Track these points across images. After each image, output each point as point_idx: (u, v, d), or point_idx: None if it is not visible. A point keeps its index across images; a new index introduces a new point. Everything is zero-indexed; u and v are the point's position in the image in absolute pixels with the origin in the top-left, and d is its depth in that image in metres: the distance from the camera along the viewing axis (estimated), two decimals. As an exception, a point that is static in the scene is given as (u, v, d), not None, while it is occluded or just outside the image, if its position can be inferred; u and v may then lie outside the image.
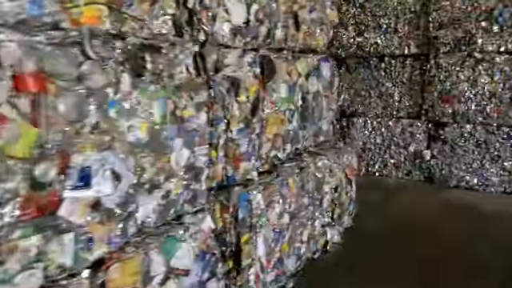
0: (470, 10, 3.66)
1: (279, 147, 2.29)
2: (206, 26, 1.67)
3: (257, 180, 2.04)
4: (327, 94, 2.87)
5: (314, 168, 2.49)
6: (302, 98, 2.48)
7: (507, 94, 3.66)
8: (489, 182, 3.88)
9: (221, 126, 1.79)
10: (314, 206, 2.46)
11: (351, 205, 3.01)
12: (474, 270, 2.44)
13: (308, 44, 2.55)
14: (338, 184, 2.77)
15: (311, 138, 2.73)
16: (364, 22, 4.25)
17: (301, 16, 2.32)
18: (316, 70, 2.68)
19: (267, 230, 2.00)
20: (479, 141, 3.85)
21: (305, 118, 2.55)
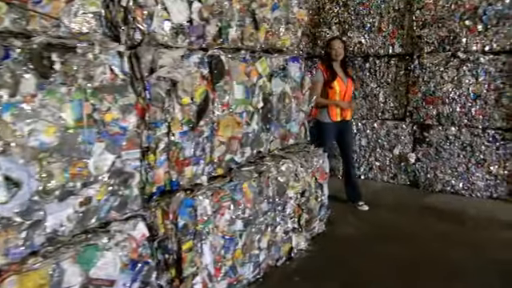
0: (453, 9, 3.55)
1: (236, 151, 2.22)
2: (142, 25, 1.62)
3: (206, 185, 1.98)
4: (297, 95, 2.80)
5: (276, 172, 2.42)
6: (264, 99, 2.41)
7: (492, 96, 3.55)
8: (474, 187, 3.76)
9: (161, 129, 1.74)
10: (275, 211, 2.39)
11: (322, 210, 2.93)
12: (448, 277, 2.36)
13: (272, 44, 2.48)
14: (306, 188, 2.70)
15: (278, 141, 2.66)
16: (347, 20, 4.16)
17: (259, 14, 2.25)
18: (282, 71, 2.62)
19: (215, 237, 1.94)
20: (464, 144, 3.74)
21: (268, 120, 2.48)
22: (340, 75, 3.30)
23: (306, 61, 4.62)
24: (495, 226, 3.10)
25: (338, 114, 3.34)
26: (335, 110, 3.32)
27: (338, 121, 3.35)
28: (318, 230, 2.94)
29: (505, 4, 3.33)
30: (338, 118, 3.34)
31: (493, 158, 3.64)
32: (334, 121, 3.33)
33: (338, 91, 3.26)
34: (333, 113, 3.32)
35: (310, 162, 2.76)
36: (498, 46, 3.45)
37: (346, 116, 3.39)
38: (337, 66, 3.32)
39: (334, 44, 3.29)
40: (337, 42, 3.30)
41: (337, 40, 3.35)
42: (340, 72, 3.32)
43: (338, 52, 3.26)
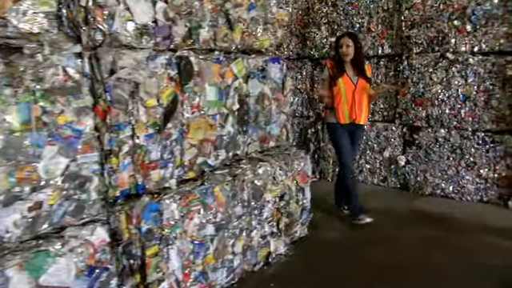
0: (442, 9, 3.50)
1: (209, 153, 2.19)
2: (103, 26, 1.59)
3: (175, 189, 1.95)
4: (277, 96, 2.77)
5: (253, 175, 2.38)
6: (240, 101, 2.38)
7: (482, 98, 3.50)
8: (464, 191, 3.71)
9: (124, 131, 1.71)
10: (251, 215, 2.35)
11: (304, 214, 2.90)
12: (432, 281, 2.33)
13: (249, 44, 2.45)
14: (286, 192, 2.66)
15: (256, 144, 2.63)
16: (336, 21, 4.12)
17: (234, 15, 2.22)
18: (261, 72, 2.58)
19: (184, 242, 1.90)
20: (454, 146, 3.69)
21: (245, 123, 2.45)
22: (349, 74, 3.04)
23: (296, 62, 4.60)
24: (482, 230, 3.05)
25: (346, 116, 3.06)
26: (342, 111, 3.06)
27: (346, 123, 3.07)
28: (300, 234, 2.90)
29: (493, 4, 3.29)
30: (346, 121, 3.07)
31: (483, 161, 3.59)
32: (342, 123, 3.07)
33: (342, 90, 3.02)
34: (339, 114, 3.06)
35: (291, 165, 2.73)
36: (487, 47, 3.40)
37: (357, 119, 3.07)
38: (347, 64, 3.05)
39: (341, 42, 3.03)
40: (345, 40, 3.01)
41: (345, 37, 3.03)
42: (350, 70, 3.05)
43: (346, 51, 2.98)
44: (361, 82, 3.04)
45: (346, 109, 3.06)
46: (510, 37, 3.28)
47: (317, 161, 4.58)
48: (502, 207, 3.53)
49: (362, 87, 3.04)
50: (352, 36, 3.07)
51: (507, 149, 3.45)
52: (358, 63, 3.04)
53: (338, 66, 3.05)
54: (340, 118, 3.07)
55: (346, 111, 3.06)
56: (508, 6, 3.24)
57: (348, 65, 3.05)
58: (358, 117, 3.07)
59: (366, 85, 3.05)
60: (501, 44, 3.33)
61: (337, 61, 3.09)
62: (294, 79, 4.63)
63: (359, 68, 3.05)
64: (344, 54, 3.00)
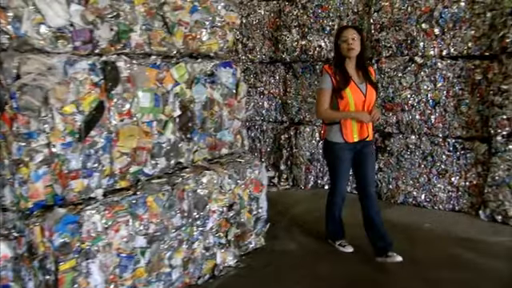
0: (410, 11, 3.46)
1: (145, 161, 2.15)
2: (8, 29, 1.55)
3: (101, 199, 1.91)
4: (229, 102, 2.72)
5: (195, 184, 2.33)
6: (183, 107, 2.34)
7: (451, 103, 3.45)
8: (437, 199, 3.65)
9: (37, 140, 1.66)
10: (192, 226, 2.30)
11: (259, 224, 2.84)
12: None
13: (194, 48, 2.42)
14: (235, 201, 2.61)
15: (205, 151, 2.58)
16: (307, 24, 4.09)
17: (172, 18, 2.18)
18: (209, 77, 2.54)
19: (108, 255, 1.85)
20: (425, 153, 3.63)
21: (189, 129, 2.41)
22: (355, 80, 2.52)
23: (269, 65, 4.56)
24: (447, 242, 2.99)
25: (355, 133, 2.55)
26: (351, 127, 2.53)
27: (355, 142, 2.57)
28: (256, 245, 2.85)
29: (460, 7, 3.25)
30: (355, 138, 2.56)
31: (454, 169, 3.53)
32: (350, 142, 2.56)
33: (351, 102, 2.49)
34: (348, 131, 2.54)
35: (242, 173, 2.68)
36: (455, 51, 3.36)
37: (367, 135, 2.58)
38: (351, 65, 2.54)
39: (345, 34, 2.49)
40: (350, 32, 2.50)
41: (350, 29, 2.53)
42: (355, 75, 2.54)
43: (352, 45, 2.45)
44: (369, 89, 2.54)
45: (355, 125, 2.54)
46: (477, 40, 3.24)
47: (290, 167, 4.53)
48: (474, 216, 3.46)
49: (371, 96, 2.55)
50: (357, 29, 2.59)
51: (478, 156, 3.39)
52: (363, 63, 2.58)
53: (341, 72, 2.51)
54: (348, 136, 2.55)
55: (356, 127, 2.55)
56: (475, 9, 3.20)
57: (352, 67, 2.56)
58: (368, 131, 2.59)
59: (374, 92, 2.58)
60: (469, 48, 3.29)
61: (339, 64, 2.54)
62: (267, 83, 4.60)
63: (364, 71, 2.58)
64: (349, 49, 2.47)
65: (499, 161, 3.21)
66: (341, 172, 2.68)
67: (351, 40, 2.48)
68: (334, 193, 2.77)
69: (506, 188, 3.20)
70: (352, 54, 2.49)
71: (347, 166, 2.67)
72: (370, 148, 2.68)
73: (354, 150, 2.61)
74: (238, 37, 4.70)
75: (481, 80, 3.26)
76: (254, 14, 4.53)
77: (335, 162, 2.67)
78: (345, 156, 2.61)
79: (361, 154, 2.62)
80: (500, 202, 3.25)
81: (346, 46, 2.50)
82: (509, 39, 2.98)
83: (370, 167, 2.66)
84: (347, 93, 2.49)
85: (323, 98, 2.55)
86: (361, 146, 2.61)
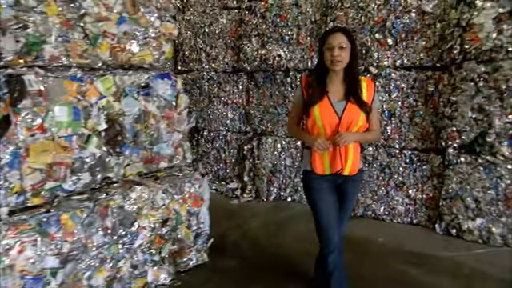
0: (364, 21, 3.46)
1: (64, 177, 2.10)
2: None
3: (6, 218, 1.85)
4: (168, 114, 2.69)
5: (122, 200, 2.29)
6: (110, 120, 2.30)
7: (407, 114, 3.43)
8: (395, 212, 3.61)
9: None
10: (117, 243, 2.25)
11: (200, 239, 2.79)
12: None
13: (123, 60, 2.39)
14: (171, 217, 2.56)
15: (139, 165, 2.53)
16: (266, 33, 4.08)
17: (94, 29, 2.15)
18: (143, 89, 2.51)
19: (9, 278, 1.79)
20: (382, 165, 3.61)
21: (118, 143, 2.37)
22: (332, 96, 1.98)
23: (232, 75, 4.54)
24: (396, 256, 2.95)
25: (325, 165, 2.02)
26: (320, 157, 2.01)
27: (326, 175, 2.04)
28: (197, 262, 2.79)
29: (411, 18, 3.24)
30: (325, 171, 2.03)
31: (411, 181, 3.50)
32: (320, 174, 2.03)
33: (319, 124, 1.97)
34: (316, 161, 2.03)
35: (180, 188, 2.63)
36: (408, 61, 3.35)
37: (343, 168, 2.00)
38: (335, 79, 2.00)
39: (331, 41, 1.92)
40: (337, 38, 1.91)
41: (338, 34, 1.93)
42: (336, 90, 1.99)
43: (338, 57, 1.90)
44: (351, 110, 1.95)
45: (325, 154, 2.00)
46: (429, 51, 3.23)
47: (253, 179, 4.48)
48: (431, 230, 3.43)
49: (349, 119, 1.95)
50: (347, 33, 1.97)
51: (433, 168, 3.37)
52: (353, 77, 1.98)
53: (318, 84, 2.00)
54: (317, 166, 2.03)
55: (326, 157, 2.01)
56: (425, 20, 3.20)
57: (336, 80, 2.00)
58: (345, 165, 2.00)
59: (357, 114, 1.95)
60: (421, 58, 3.28)
61: (318, 75, 2.02)
62: (230, 93, 4.57)
63: (353, 85, 1.98)
64: (333, 62, 1.92)
65: (452, 173, 3.18)
66: (322, 208, 2.05)
67: (338, 50, 1.90)
68: (320, 240, 2.12)
69: (459, 201, 3.18)
70: (336, 67, 1.93)
71: (329, 197, 2.06)
72: (351, 187, 2.10)
73: (333, 182, 2.06)
74: (202, 46, 4.69)
75: (433, 91, 3.25)
76: (216, 22, 4.52)
77: (311, 196, 2.10)
78: (322, 185, 2.05)
79: (341, 191, 2.09)
80: (454, 215, 3.22)
81: (329, 56, 1.92)
82: (456, 50, 2.98)
83: (346, 211, 2.15)
84: (315, 111, 1.97)
85: (292, 110, 2.24)
86: (342, 181, 2.06)
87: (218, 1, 4.50)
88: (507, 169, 2.93)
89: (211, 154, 4.83)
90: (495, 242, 3.06)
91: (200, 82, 4.76)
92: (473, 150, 3.06)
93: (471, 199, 3.12)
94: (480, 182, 3.06)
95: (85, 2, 2.09)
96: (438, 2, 3.13)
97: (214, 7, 4.55)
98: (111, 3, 2.24)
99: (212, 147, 4.81)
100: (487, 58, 2.87)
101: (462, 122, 3.02)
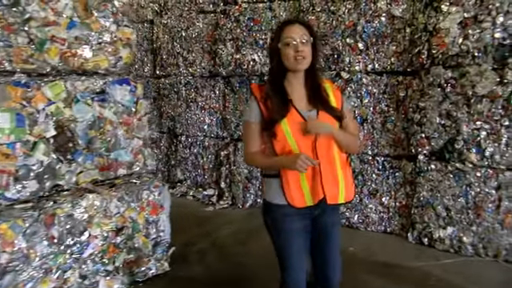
0: (335, 25, 3.44)
1: (6, 185, 2.07)
2: None
3: None
4: (126, 120, 2.67)
5: (72, 208, 2.26)
6: (59, 127, 2.28)
7: (379, 120, 3.40)
8: (369, 220, 3.57)
9: None
10: (64, 253, 2.22)
11: (159, 248, 2.75)
12: None
13: (75, 65, 2.37)
14: (126, 225, 2.53)
15: (94, 172, 2.51)
16: (240, 37, 4.06)
17: (40, 34, 2.14)
18: (99, 95, 2.49)
19: None
20: (355, 172, 3.57)
21: (69, 150, 2.34)
22: (298, 104, 1.62)
23: (209, 80, 4.52)
24: (364, 266, 2.90)
25: (305, 192, 1.60)
26: (297, 183, 1.59)
27: (306, 207, 1.61)
28: (157, 271, 2.75)
29: (381, 22, 3.22)
30: (307, 202, 1.61)
31: (384, 189, 3.46)
32: (298, 207, 1.60)
33: (292, 143, 1.57)
34: (291, 189, 1.59)
35: (137, 195, 2.60)
36: (379, 66, 3.32)
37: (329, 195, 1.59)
38: (296, 83, 1.64)
39: (290, 33, 1.57)
40: (297, 30, 1.58)
41: (297, 26, 1.60)
42: (301, 98, 1.64)
43: (302, 52, 1.55)
44: (325, 119, 1.62)
45: (304, 179, 1.58)
46: (399, 56, 3.21)
47: (229, 185, 4.45)
48: (404, 239, 3.38)
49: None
50: (307, 26, 1.64)
51: (406, 175, 3.33)
52: (315, 80, 1.65)
53: (277, 92, 1.61)
54: (294, 197, 1.59)
55: (306, 184, 1.59)
56: (395, 25, 3.17)
57: (297, 84, 1.64)
58: (332, 190, 1.60)
59: (335, 123, 1.63)
60: (392, 63, 3.25)
61: (275, 81, 1.64)
62: (207, 98, 4.55)
63: (317, 89, 1.64)
64: (297, 58, 1.56)
65: (423, 181, 3.14)
66: (291, 253, 1.68)
67: (300, 45, 1.55)
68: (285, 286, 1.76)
69: (431, 209, 3.13)
70: (301, 66, 1.57)
71: (300, 241, 1.67)
72: (333, 216, 1.72)
73: (310, 216, 1.66)
74: (179, 50, 4.68)
75: (404, 96, 3.22)
76: (192, 26, 4.51)
77: (280, 238, 1.69)
78: (294, 226, 1.64)
79: (320, 224, 1.69)
80: (426, 223, 3.17)
81: (291, 52, 1.55)
82: (424, 55, 2.95)
83: (333, 247, 1.74)
84: (283, 127, 1.56)
85: (248, 136, 1.67)
86: (320, 212, 1.65)
87: (195, 4, 4.49)
88: (476, 176, 2.89)
89: (189, 159, 4.80)
90: (466, 252, 3.01)
91: (177, 87, 4.74)
92: (443, 156, 3.03)
93: (442, 207, 3.07)
94: (450, 190, 3.02)
95: (29, 6, 2.08)
96: (407, 7, 3.10)
97: (191, 11, 4.54)
98: (60, 8, 2.23)
99: (190, 153, 4.79)
100: (454, 64, 2.84)
101: (430, 128, 2.99)
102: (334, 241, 1.75)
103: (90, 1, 2.37)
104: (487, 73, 2.65)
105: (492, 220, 2.91)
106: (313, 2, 3.51)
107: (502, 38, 2.65)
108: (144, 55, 5.10)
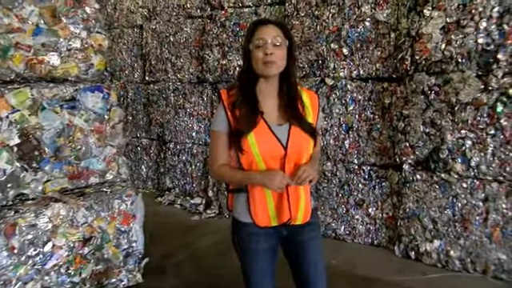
0: (319, 30, 3.41)
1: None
2: None
3: None
4: (98, 128, 2.67)
5: (35, 217, 2.26)
6: (24, 135, 2.29)
7: (364, 128, 3.35)
8: (356, 232, 3.51)
9: None
10: (25, 264, 2.21)
11: (131, 259, 2.74)
12: None
13: (42, 72, 2.38)
14: (95, 235, 2.52)
15: (63, 180, 2.52)
16: (226, 42, 4.07)
17: (2, 41, 2.16)
18: (69, 102, 2.51)
19: None
20: (341, 181, 3.52)
21: (34, 158, 2.35)
22: (269, 117, 1.52)
23: (197, 86, 4.53)
24: (344, 281, 2.83)
25: (270, 211, 1.54)
26: (262, 201, 1.53)
27: (272, 227, 1.56)
28: (129, 283, 2.74)
29: (366, 27, 3.18)
30: (272, 222, 1.55)
31: (370, 199, 3.40)
32: (263, 226, 1.55)
33: (258, 159, 1.49)
34: (257, 207, 1.53)
35: (107, 205, 2.60)
36: (364, 72, 3.28)
37: (293, 216, 1.53)
38: (268, 90, 1.54)
39: (261, 35, 1.47)
40: (270, 31, 1.47)
41: (270, 27, 1.49)
42: (273, 108, 1.54)
43: (272, 56, 1.44)
44: (297, 136, 1.51)
45: (270, 197, 1.52)
46: (384, 62, 3.17)
47: (216, 194, 4.43)
48: (391, 252, 3.31)
49: (300, 146, 1.52)
50: (282, 26, 1.53)
51: (392, 185, 3.27)
52: (290, 88, 1.53)
53: (247, 100, 1.51)
54: (258, 216, 1.54)
55: (271, 202, 1.53)
56: (380, 29, 3.13)
57: (269, 92, 1.54)
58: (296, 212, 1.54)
59: (306, 141, 1.53)
60: (377, 69, 3.21)
61: (245, 86, 1.53)
62: (195, 104, 4.56)
63: (292, 100, 1.54)
64: (266, 62, 1.45)
65: (409, 191, 3.08)
66: (255, 274, 1.61)
67: (271, 46, 1.44)
68: None
69: (417, 221, 3.06)
70: (271, 70, 1.46)
71: (265, 261, 1.61)
72: (307, 232, 1.61)
73: (277, 235, 1.60)
74: (167, 56, 4.70)
75: (390, 104, 3.17)
76: (180, 32, 4.53)
77: (245, 257, 1.63)
78: (260, 246, 1.58)
79: (293, 244, 1.62)
80: (412, 236, 3.10)
81: (261, 55, 1.45)
82: (407, 61, 2.91)
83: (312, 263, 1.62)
84: (249, 141, 1.48)
85: (214, 147, 1.58)
86: (290, 232, 1.59)
87: (183, 9, 4.52)
88: (462, 187, 2.82)
89: (178, 167, 4.80)
90: (454, 267, 2.93)
91: (166, 93, 4.76)
92: (428, 166, 2.96)
93: (428, 219, 3.00)
94: (436, 201, 2.95)
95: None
96: (391, 11, 3.06)
97: (179, 16, 4.57)
98: (25, 14, 2.25)
99: (179, 160, 4.79)
100: (438, 70, 2.79)
101: (414, 136, 2.93)
102: (314, 256, 1.62)
103: (58, 7, 2.40)
104: (470, 80, 2.60)
105: (480, 233, 2.83)
106: (297, 6, 3.50)
107: (485, 43, 2.59)
108: (134, 61, 5.15)
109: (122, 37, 5.19)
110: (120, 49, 5.24)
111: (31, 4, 2.29)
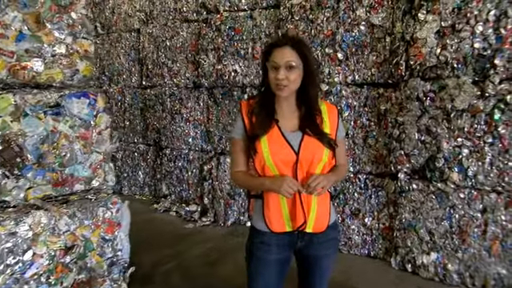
0: (314, 35, 3.40)
1: None
2: None
3: None
4: (84, 135, 2.69)
5: (15, 225, 2.27)
6: (5, 141, 2.31)
7: (360, 135, 3.31)
8: (352, 243, 3.46)
9: None
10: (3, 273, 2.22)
11: (116, 268, 2.74)
12: None
13: (25, 78, 2.41)
14: (77, 244, 2.53)
15: (46, 188, 2.53)
16: (222, 47, 4.07)
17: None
18: (53, 108, 2.53)
19: None
20: (337, 190, 3.48)
21: (16, 165, 2.37)
22: (283, 124, 1.59)
23: (194, 91, 4.54)
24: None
25: (285, 217, 1.57)
26: (277, 206, 1.57)
27: (285, 232, 1.58)
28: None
29: (361, 31, 3.16)
30: (286, 227, 1.57)
31: (366, 209, 3.35)
32: (276, 232, 1.58)
33: (269, 163, 1.55)
34: (271, 212, 1.57)
35: (91, 212, 2.60)
36: (359, 77, 3.25)
37: (306, 223, 1.54)
38: (285, 104, 1.60)
39: (276, 58, 1.52)
40: (285, 54, 1.51)
41: (286, 49, 1.52)
42: (288, 117, 1.60)
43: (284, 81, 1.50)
44: (309, 143, 1.56)
45: (284, 203, 1.56)
46: (380, 67, 3.13)
47: (211, 201, 4.42)
48: (388, 264, 3.25)
49: (312, 153, 1.55)
50: (298, 46, 1.54)
51: (389, 195, 3.22)
52: (308, 103, 1.59)
53: (263, 109, 1.59)
54: (272, 221, 1.58)
55: (285, 208, 1.57)
56: (375, 33, 3.10)
57: (287, 106, 1.61)
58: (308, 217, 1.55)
59: (320, 149, 1.56)
60: (372, 74, 3.17)
61: (263, 97, 1.62)
62: (192, 110, 4.57)
63: (309, 113, 1.60)
64: (278, 85, 1.52)
65: (405, 201, 3.03)
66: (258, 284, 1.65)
67: (284, 71, 1.50)
68: None
69: (413, 232, 3.01)
70: (282, 93, 1.54)
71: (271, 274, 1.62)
72: (323, 249, 1.62)
73: (292, 245, 1.61)
74: (163, 60, 4.74)
75: (385, 110, 3.13)
76: (177, 36, 4.56)
77: (251, 265, 1.65)
78: (269, 257, 1.61)
79: (305, 257, 1.66)
80: (408, 248, 3.05)
81: (273, 78, 1.52)
82: (402, 67, 2.87)
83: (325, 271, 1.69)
84: (262, 144, 1.55)
85: (234, 153, 1.68)
86: (305, 243, 1.59)
87: (179, 13, 4.55)
88: (460, 198, 2.77)
89: (174, 173, 4.81)
90: (452, 281, 2.87)
91: (162, 98, 4.78)
92: (425, 175, 2.91)
93: (425, 231, 2.95)
94: (433, 212, 2.89)
95: (-27, 19, 2.14)
96: (386, 15, 3.03)
97: (175, 20, 4.60)
98: (8, 20, 2.28)
99: (175, 166, 4.80)
100: (433, 75, 2.74)
101: (409, 144, 2.89)
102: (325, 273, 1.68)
103: (42, 13, 2.42)
104: (465, 86, 2.55)
105: (478, 246, 2.76)
106: (292, 10, 3.49)
107: (482, 48, 2.54)
108: (132, 65, 5.19)
109: (120, 41, 5.25)
110: (118, 53, 5.30)
111: (14, 10, 2.31)
